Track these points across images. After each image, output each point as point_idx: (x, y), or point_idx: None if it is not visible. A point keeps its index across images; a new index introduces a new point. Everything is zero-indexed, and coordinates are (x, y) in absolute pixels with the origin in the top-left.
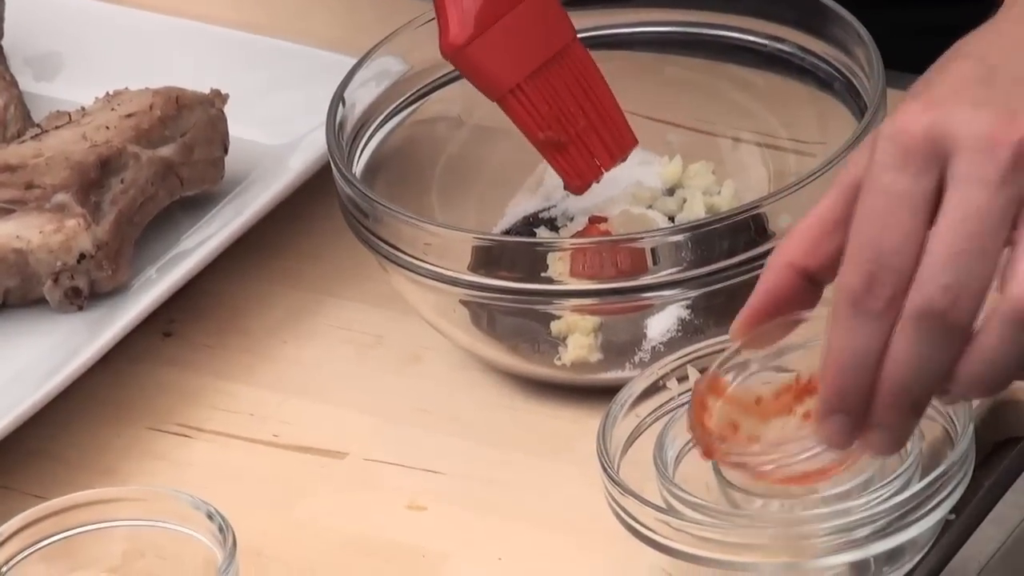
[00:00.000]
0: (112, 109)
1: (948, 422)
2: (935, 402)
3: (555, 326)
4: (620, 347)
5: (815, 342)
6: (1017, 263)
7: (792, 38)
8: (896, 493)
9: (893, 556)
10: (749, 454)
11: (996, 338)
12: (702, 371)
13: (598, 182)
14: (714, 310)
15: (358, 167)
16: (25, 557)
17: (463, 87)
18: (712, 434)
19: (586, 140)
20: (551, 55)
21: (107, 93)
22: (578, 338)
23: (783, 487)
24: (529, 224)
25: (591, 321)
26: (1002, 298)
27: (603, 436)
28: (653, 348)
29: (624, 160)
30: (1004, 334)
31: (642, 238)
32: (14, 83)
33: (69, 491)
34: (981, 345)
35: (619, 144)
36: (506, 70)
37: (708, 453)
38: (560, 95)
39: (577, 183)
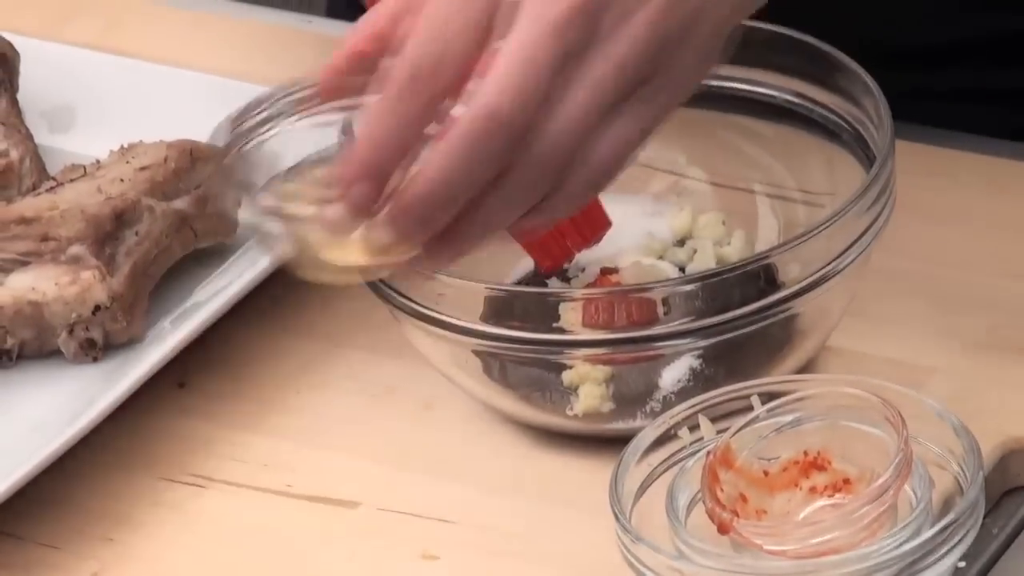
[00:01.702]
0: (127, 162)
1: (958, 471)
2: (945, 451)
3: (567, 376)
4: (632, 397)
5: (830, 416)
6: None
7: (800, 89)
8: (907, 540)
9: None
10: (765, 534)
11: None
12: (714, 422)
13: (569, 264)
14: (725, 360)
15: None
16: None
17: None
18: (726, 508)
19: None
20: None
21: (122, 146)
22: (590, 388)
23: None
24: (541, 275)
25: (603, 371)
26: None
27: (615, 485)
28: (664, 398)
29: (598, 243)
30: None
31: (653, 288)
32: (29, 136)
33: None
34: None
35: (591, 226)
36: None
37: (723, 529)
38: None
39: (546, 264)
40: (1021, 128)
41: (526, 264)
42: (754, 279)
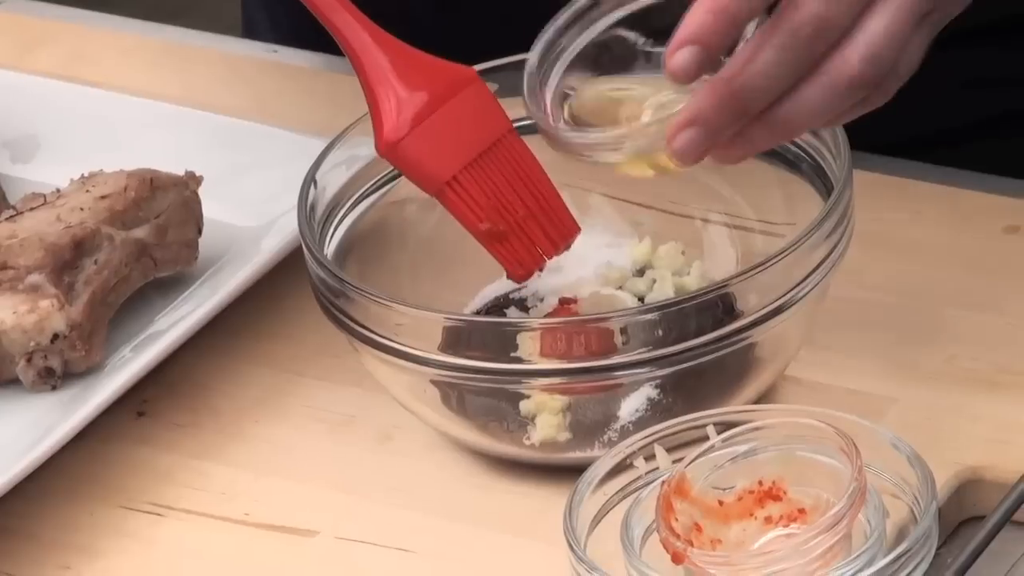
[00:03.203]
0: (87, 191)
1: (913, 501)
2: (899, 481)
3: (524, 406)
4: (589, 426)
5: (785, 446)
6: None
7: None
8: (860, 570)
9: None
10: (719, 564)
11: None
12: (670, 452)
13: (540, 271)
14: (683, 389)
15: (330, 249)
16: None
17: None
18: (680, 538)
19: (526, 229)
20: (486, 147)
21: (82, 175)
22: (547, 417)
23: None
24: (500, 305)
25: (560, 401)
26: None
27: (569, 514)
28: (622, 427)
29: (568, 248)
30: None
31: (611, 318)
32: None
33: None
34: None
35: (561, 233)
36: (441, 163)
37: (677, 558)
38: (498, 185)
39: (519, 272)
40: (981, 159)
41: (487, 292)
42: (712, 308)
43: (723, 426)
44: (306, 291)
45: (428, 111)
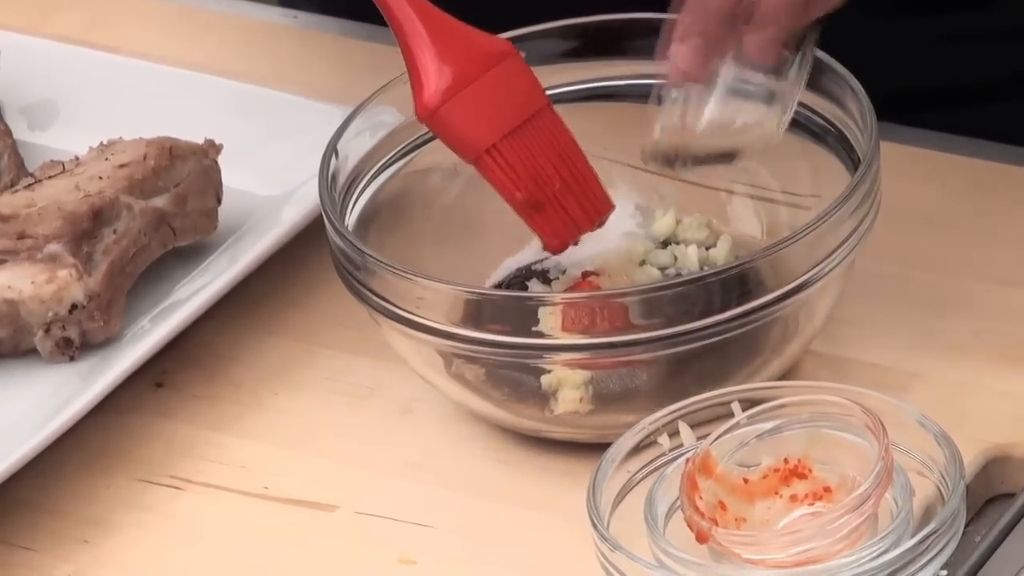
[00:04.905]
0: (106, 159)
1: (940, 480)
2: (926, 459)
3: (545, 379)
4: (611, 401)
5: (811, 424)
6: None
7: None
8: (887, 550)
9: None
10: (744, 543)
11: None
12: (694, 428)
13: (575, 244)
14: (706, 365)
15: (351, 219)
16: None
17: None
18: (704, 516)
19: (563, 201)
20: (524, 119)
21: (101, 143)
22: (568, 391)
23: None
24: (522, 276)
25: (581, 375)
26: None
27: (593, 491)
28: (644, 403)
29: (602, 225)
30: None
31: (633, 293)
32: (8, 132)
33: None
34: None
35: (596, 207)
36: (481, 131)
37: (702, 538)
38: (535, 156)
39: (554, 243)
40: (1008, 130)
41: (509, 263)
42: (737, 283)
43: (748, 403)
44: (326, 261)
45: (469, 79)
